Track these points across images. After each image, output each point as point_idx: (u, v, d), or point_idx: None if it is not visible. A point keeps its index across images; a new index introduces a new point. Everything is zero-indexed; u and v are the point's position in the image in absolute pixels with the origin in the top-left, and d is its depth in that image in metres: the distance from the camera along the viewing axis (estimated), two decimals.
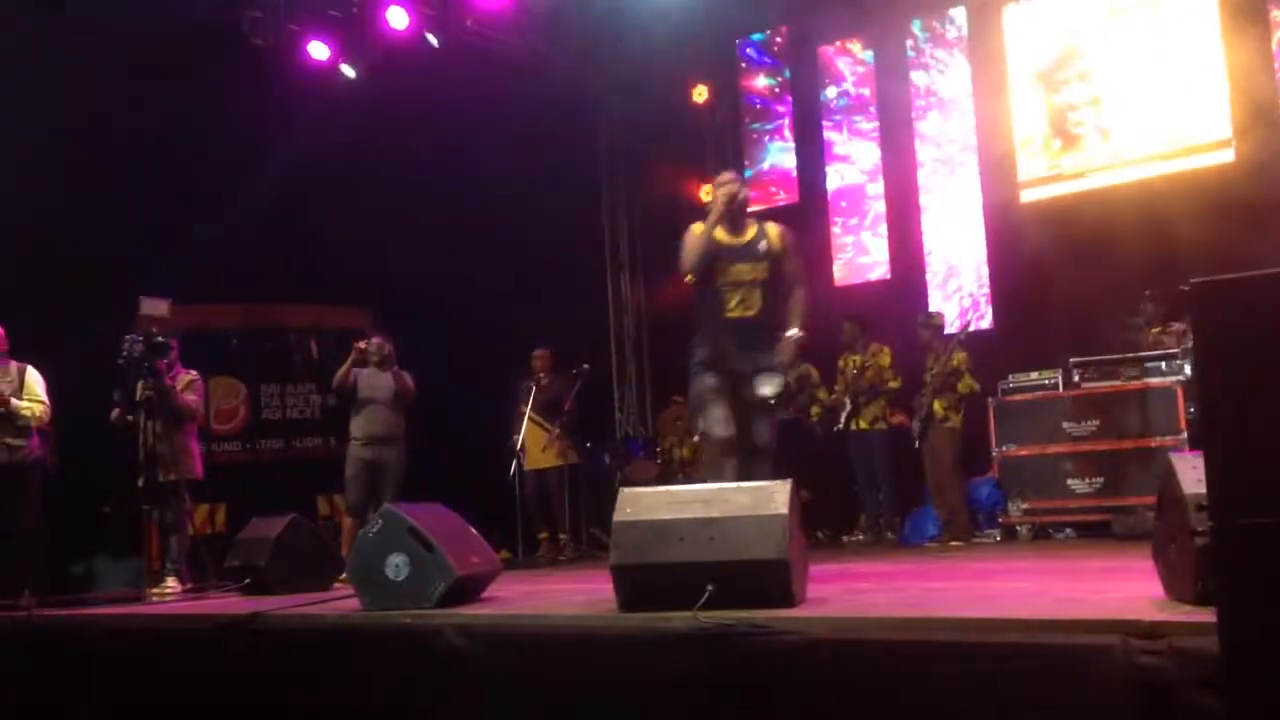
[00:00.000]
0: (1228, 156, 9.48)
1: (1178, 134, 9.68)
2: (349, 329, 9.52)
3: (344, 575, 5.79)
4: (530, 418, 9.21)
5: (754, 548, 4.14)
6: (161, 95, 9.13)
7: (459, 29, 10.76)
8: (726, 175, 5.77)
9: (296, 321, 11.13)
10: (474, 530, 5.39)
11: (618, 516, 4.34)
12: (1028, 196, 10.47)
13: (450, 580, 4.83)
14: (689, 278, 5.51)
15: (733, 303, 5.38)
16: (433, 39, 10.64)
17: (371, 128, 10.21)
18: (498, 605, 4.88)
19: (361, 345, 8.20)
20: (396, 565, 4.87)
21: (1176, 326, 8.18)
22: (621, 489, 4.54)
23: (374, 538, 4.97)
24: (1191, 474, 3.25)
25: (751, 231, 5.51)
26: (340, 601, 5.24)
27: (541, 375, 9.41)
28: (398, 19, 10.37)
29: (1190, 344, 6.05)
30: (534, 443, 9.24)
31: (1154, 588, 3.69)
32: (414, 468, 8.43)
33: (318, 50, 10.57)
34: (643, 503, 4.42)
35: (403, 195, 10.29)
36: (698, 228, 5.47)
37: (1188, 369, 7.87)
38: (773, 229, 5.54)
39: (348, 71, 10.64)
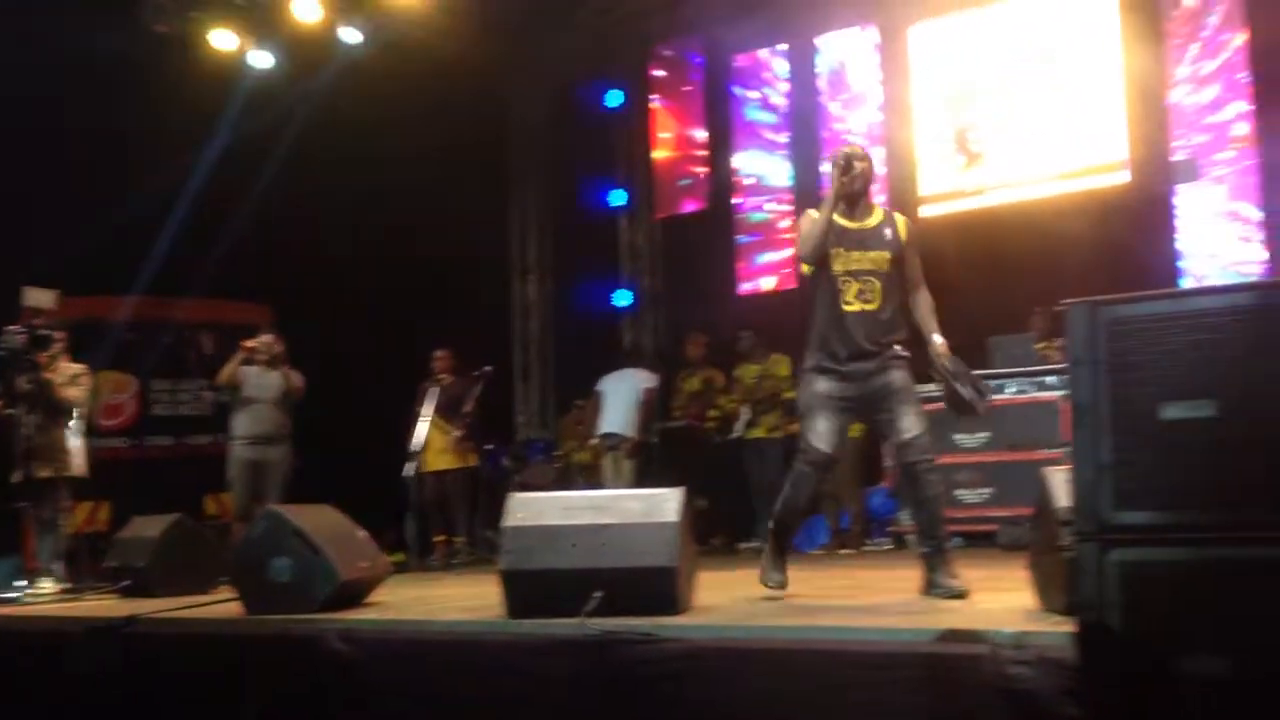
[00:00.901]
0: (1123, 178, 9.75)
1: (1075, 155, 9.93)
2: (245, 325, 9.29)
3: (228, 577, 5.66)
4: (430, 419, 9.10)
5: (644, 555, 4.16)
6: (57, 82, 8.84)
7: (370, 22, 10.58)
8: (848, 147, 4.96)
9: (191, 316, 10.85)
10: (363, 532, 5.32)
11: (508, 521, 4.32)
12: (927, 211, 10.65)
13: (335, 584, 4.77)
14: (805, 267, 4.88)
15: (850, 294, 4.73)
16: (350, 33, 10.47)
17: (277, 120, 10.02)
18: (384, 610, 4.83)
19: (249, 343, 8.04)
20: (280, 568, 4.79)
21: (1062, 342, 8.37)
22: (513, 494, 4.52)
23: (257, 539, 4.88)
24: (1064, 489, 3.34)
25: (878, 216, 4.88)
26: (222, 605, 5.12)
27: (443, 376, 9.31)
28: (308, 10, 10.17)
29: None
30: (434, 444, 9.13)
31: (1028, 598, 3.78)
32: (309, 468, 8.29)
33: (223, 39, 10.34)
34: (534, 508, 4.41)
35: (305, 191, 10.10)
36: (814, 212, 4.81)
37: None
38: (900, 218, 4.90)
39: (255, 62, 10.42)
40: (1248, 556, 2.09)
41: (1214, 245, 9.34)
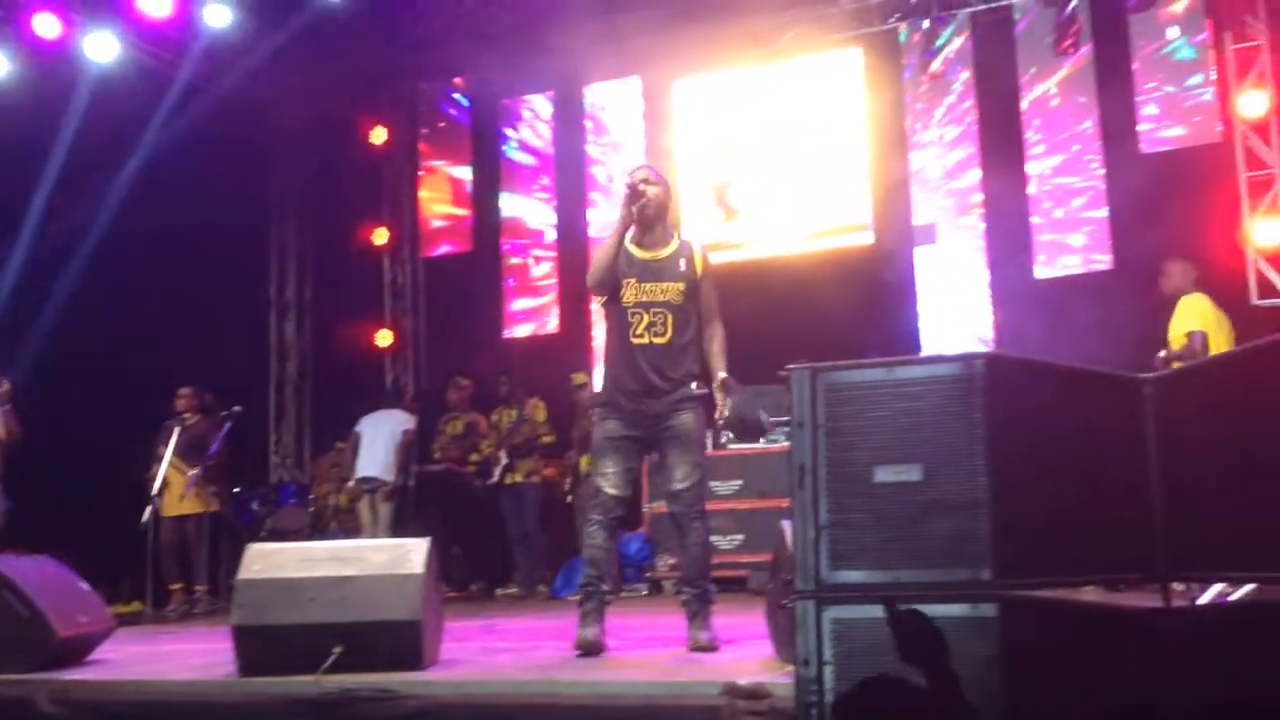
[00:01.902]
0: (867, 239, 10.30)
1: (824, 215, 10.43)
2: None
3: None
4: (171, 460, 8.64)
5: (386, 608, 4.06)
6: None
7: (122, 45, 10.06)
8: (641, 171, 4.83)
9: None
10: (85, 585, 4.98)
11: (242, 574, 4.14)
12: None
13: (51, 641, 4.44)
14: (596, 297, 4.81)
15: (641, 326, 4.62)
16: (95, 53, 9.91)
17: (18, 142, 9.37)
18: (105, 669, 4.52)
19: None
20: None
21: None
22: (249, 545, 4.34)
23: None
24: None
25: (674, 245, 4.79)
26: None
27: (187, 416, 8.87)
28: (47, 26, 9.59)
29: None
30: (174, 487, 8.68)
31: (767, 646, 3.89)
32: (43, 513, 7.73)
33: None
34: (272, 560, 4.25)
35: (45, 218, 9.48)
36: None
37: None
38: (698, 248, 4.81)
39: None
40: (947, 616, 2.22)
41: (951, 307, 9.97)
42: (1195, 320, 6.21)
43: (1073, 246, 9.59)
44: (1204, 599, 3.37)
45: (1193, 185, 8.79)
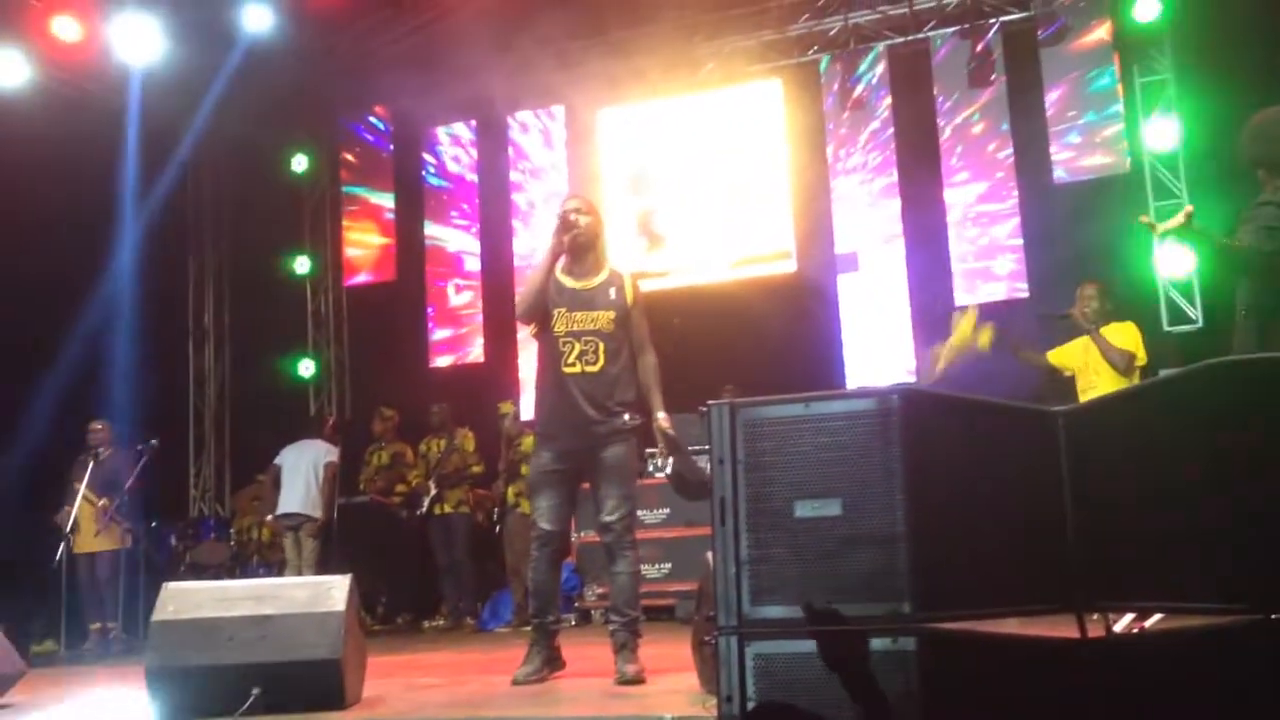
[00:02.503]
0: (790, 266, 10.40)
1: (746, 243, 10.52)
2: None
3: None
4: (84, 495, 8.43)
5: (307, 647, 3.99)
6: None
7: (30, 67, 9.84)
8: (573, 200, 4.93)
9: None
10: None
11: (157, 615, 4.05)
12: None
13: None
14: (526, 326, 4.82)
15: (572, 355, 4.64)
16: (10, 74, 9.68)
17: None
18: (13, 713, 4.37)
19: None
20: None
21: None
22: (165, 584, 4.24)
23: None
24: None
25: (604, 274, 4.82)
26: None
27: (100, 450, 8.66)
28: None
29: None
30: (87, 523, 8.46)
31: (693, 678, 3.88)
32: None
33: None
34: (189, 600, 4.15)
35: None
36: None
37: None
38: (629, 277, 4.83)
39: None
40: (868, 650, 2.24)
41: (875, 334, 10.10)
42: (1141, 347, 6.02)
43: (995, 274, 9.77)
44: (1118, 628, 3.43)
45: (1105, 214, 9.00)
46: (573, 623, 8.75)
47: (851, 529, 2.25)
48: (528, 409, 10.57)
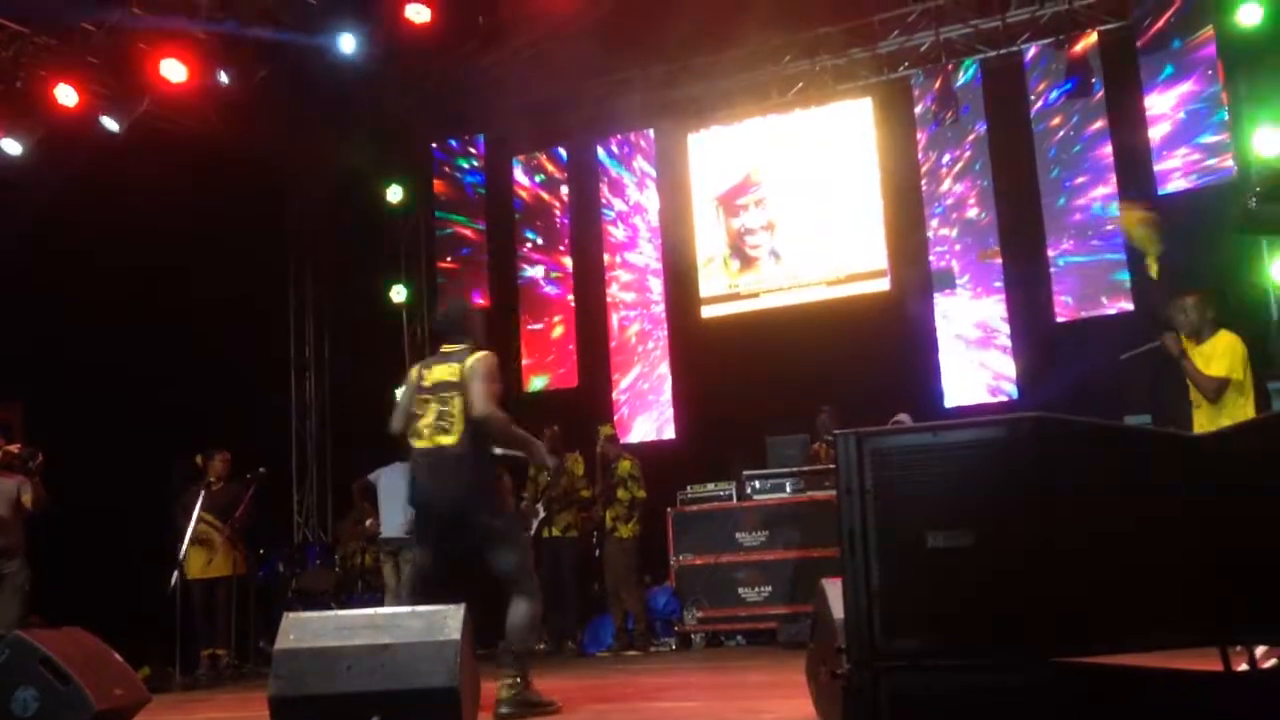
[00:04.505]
0: (884, 286, 10.31)
1: (840, 262, 10.46)
2: None
3: None
4: (198, 524, 8.64)
5: (425, 675, 4.02)
6: None
7: (137, 112, 10.18)
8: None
9: None
10: (118, 657, 4.96)
11: (279, 644, 4.12)
12: (708, 313, 10.99)
13: (88, 715, 4.42)
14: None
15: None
16: (111, 123, 10.04)
17: (40, 210, 9.46)
18: None
19: (12, 449, 7.44)
20: (25, 700, 4.41)
21: None
22: (286, 613, 4.32)
23: None
24: (839, 600, 3.43)
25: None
26: None
27: (214, 480, 8.87)
28: (66, 96, 9.71)
29: None
30: (200, 551, 8.66)
31: (807, 706, 3.85)
32: (68, 578, 7.70)
33: None
34: (308, 628, 4.22)
35: (71, 283, 9.55)
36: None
37: None
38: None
39: (9, 148, 9.85)
40: (1004, 684, 2.20)
41: (969, 353, 9.95)
42: (1240, 364, 5.80)
43: (1099, 288, 9.56)
44: (1265, 662, 3.33)
45: (1212, 223, 8.75)
46: (673, 647, 8.74)
47: (985, 560, 2.22)
48: (634, 430, 10.65)
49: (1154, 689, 2.24)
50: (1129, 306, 9.32)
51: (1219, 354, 5.71)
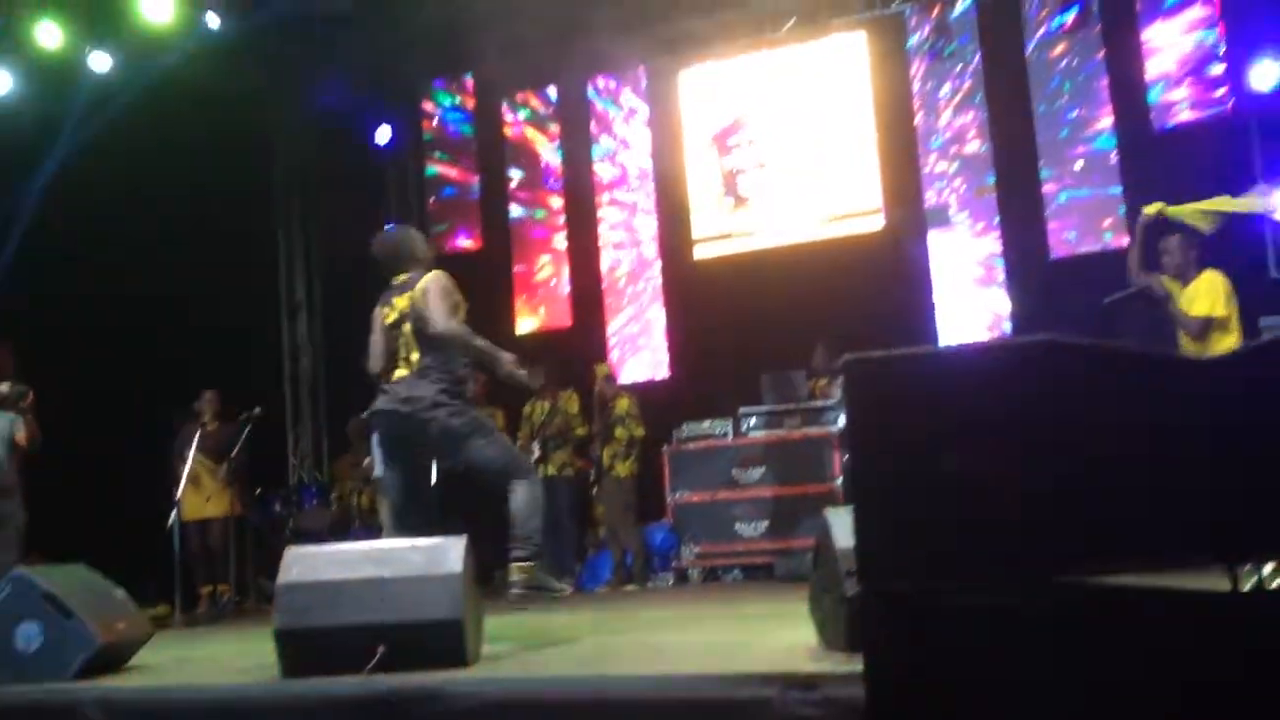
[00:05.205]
0: (877, 224, 10.27)
1: (833, 201, 10.41)
2: None
3: None
4: (193, 464, 8.66)
5: (427, 607, 4.05)
6: None
7: (120, 49, 10.04)
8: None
9: None
10: (120, 591, 4.98)
11: (282, 578, 4.13)
12: (701, 253, 10.95)
13: (92, 649, 4.44)
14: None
15: None
16: (98, 59, 9.90)
17: (29, 149, 9.36)
18: (147, 674, 4.53)
19: (2, 389, 7.40)
20: (28, 635, 4.43)
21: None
22: (288, 548, 4.33)
23: (0, 605, 4.50)
24: (844, 530, 3.45)
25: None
26: None
27: (207, 420, 8.87)
28: (49, 35, 9.57)
29: None
30: (196, 491, 8.69)
31: (810, 635, 3.88)
32: (64, 520, 7.72)
33: None
34: (310, 562, 4.23)
35: (58, 223, 9.47)
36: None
37: (842, 420, 8.43)
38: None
39: None
40: (1009, 606, 2.21)
41: (964, 290, 9.95)
42: (1221, 301, 5.84)
43: (1094, 224, 9.55)
44: (1273, 582, 3.36)
45: (1207, 160, 8.72)
46: (671, 583, 8.81)
47: (996, 486, 2.22)
48: (626, 371, 10.65)
49: (1159, 609, 2.26)
50: (1125, 244, 9.28)
51: (1201, 293, 5.77)
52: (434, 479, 5.82)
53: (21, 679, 4.29)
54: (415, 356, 4.89)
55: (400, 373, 4.89)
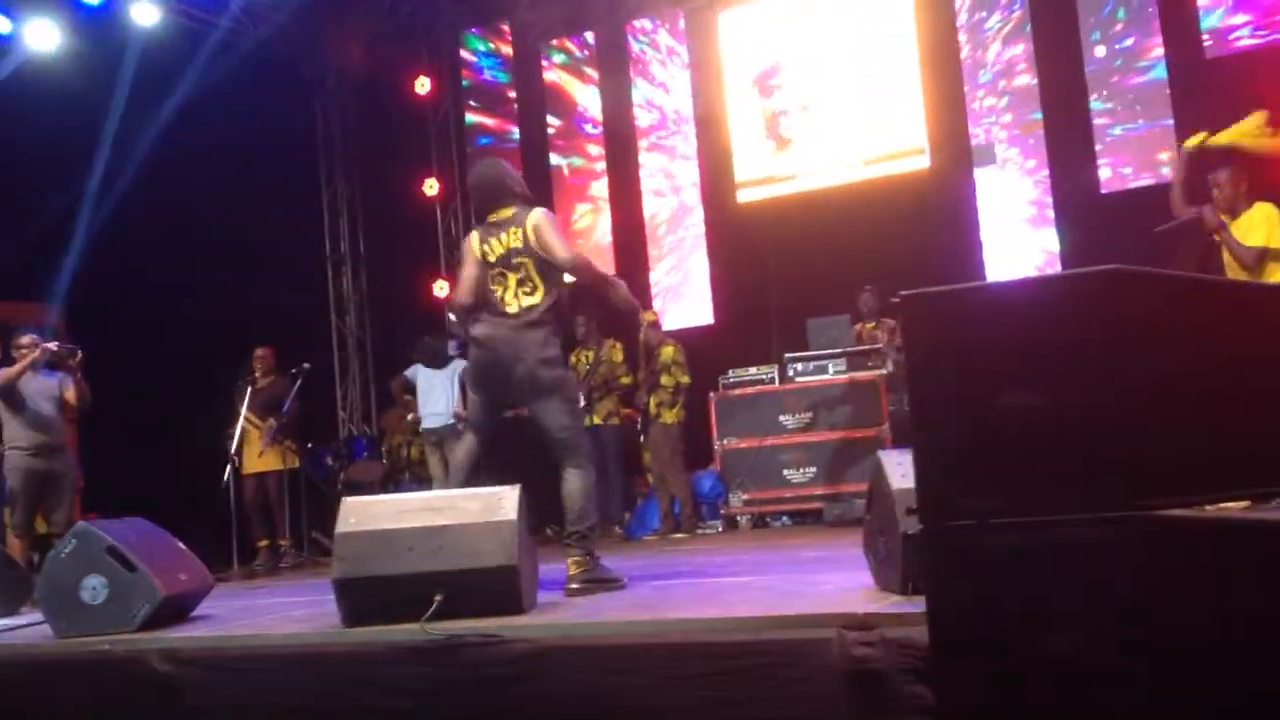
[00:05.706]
0: (923, 163, 10.12)
1: (878, 141, 10.26)
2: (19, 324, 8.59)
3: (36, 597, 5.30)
4: (247, 419, 8.76)
5: (483, 555, 4.07)
6: None
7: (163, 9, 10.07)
8: None
9: None
10: (181, 544, 5.06)
11: (340, 528, 4.17)
12: (744, 197, 10.85)
13: (155, 601, 4.52)
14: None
15: None
16: (143, 12, 9.92)
17: (68, 108, 9.41)
18: (210, 625, 4.61)
19: (51, 346, 7.49)
20: (94, 588, 4.51)
21: (889, 322, 8.64)
22: (344, 498, 4.37)
23: (66, 559, 4.59)
24: (898, 471, 3.43)
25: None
26: (29, 629, 4.80)
27: (259, 375, 8.96)
28: None
29: (900, 341, 6.31)
30: (251, 446, 8.80)
31: (865, 577, 3.87)
32: (120, 476, 7.84)
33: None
34: (367, 512, 4.27)
35: (103, 182, 9.55)
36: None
37: (890, 364, 8.37)
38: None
39: (36, 42, 9.74)
40: (1075, 538, 2.19)
41: (1012, 228, 9.80)
42: (1278, 232, 5.74)
43: (1145, 158, 9.34)
44: None
45: (1261, 87, 8.49)
46: (720, 529, 8.83)
47: (1056, 418, 2.19)
48: (667, 318, 10.61)
49: (1225, 539, 2.23)
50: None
51: (1255, 224, 5.68)
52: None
53: (86, 631, 4.38)
54: (521, 295, 4.75)
55: (508, 307, 4.75)
